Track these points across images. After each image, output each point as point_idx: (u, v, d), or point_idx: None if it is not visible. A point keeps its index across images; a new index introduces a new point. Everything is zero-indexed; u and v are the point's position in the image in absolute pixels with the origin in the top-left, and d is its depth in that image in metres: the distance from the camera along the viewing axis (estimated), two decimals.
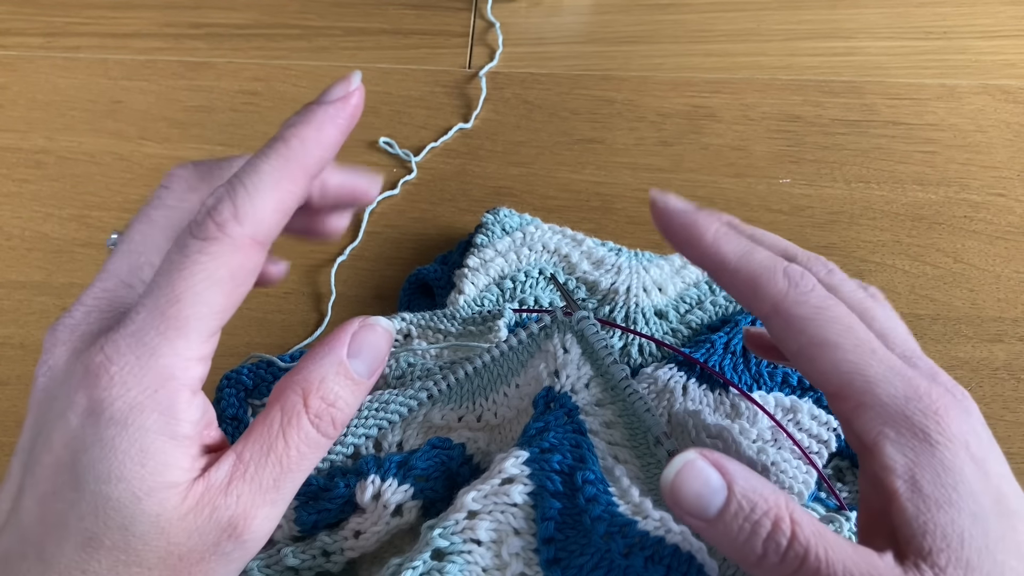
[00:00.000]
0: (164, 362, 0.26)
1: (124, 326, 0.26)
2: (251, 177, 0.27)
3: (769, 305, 0.29)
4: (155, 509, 0.25)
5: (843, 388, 0.28)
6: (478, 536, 0.32)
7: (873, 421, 0.27)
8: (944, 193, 0.57)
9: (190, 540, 0.26)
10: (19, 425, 0.49)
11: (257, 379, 0.41)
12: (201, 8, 0.68)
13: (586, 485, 0.32)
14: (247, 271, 0.27)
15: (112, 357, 0.26)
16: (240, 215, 0.26)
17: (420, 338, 0.45)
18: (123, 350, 0.26)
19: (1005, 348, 0.51)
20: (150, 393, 0.25)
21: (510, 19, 0.67)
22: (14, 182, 0.59)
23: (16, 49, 0.66)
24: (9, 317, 0.53)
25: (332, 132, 0.28)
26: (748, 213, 0.57)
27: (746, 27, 0.66)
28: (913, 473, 0.26)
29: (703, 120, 0.61)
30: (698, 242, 0.30)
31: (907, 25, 0.66)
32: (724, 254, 0.30)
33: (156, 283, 0.26)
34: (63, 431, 0.26)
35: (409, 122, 0.62)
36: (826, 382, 0.28)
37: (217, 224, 0.26)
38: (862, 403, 0.27)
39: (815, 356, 0.28)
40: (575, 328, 0.38)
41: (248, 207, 0.26)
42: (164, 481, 0.26)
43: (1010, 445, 0.48)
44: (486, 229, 0.51)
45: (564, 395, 0.36)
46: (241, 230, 0.26)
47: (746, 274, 0.30)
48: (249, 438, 0.27)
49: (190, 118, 0.62)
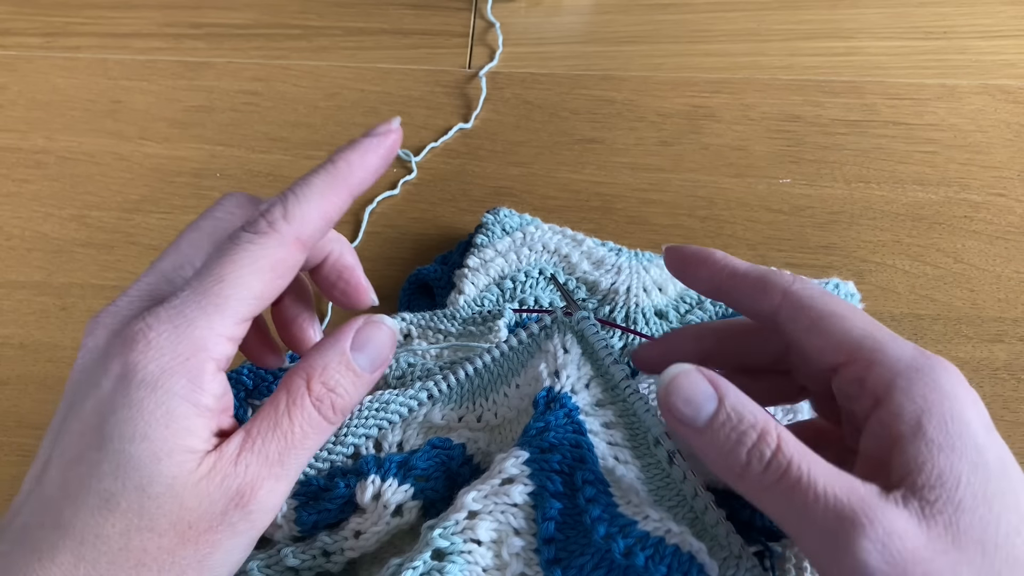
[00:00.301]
0: (199, 333, 0.28)
1: (167, 301, 0.28)
2: (301, 187, 0.30)
3: (780, 292, 0.31)
4: (172, 471, 0.27)
5: (855, 352, 0.29)
6: (478, 536, 0.32)
7: (886, 374, 0.28)
8: (944, 193, 0.57)
9: (200, 506, 0.27)
10: (19, 425, 0.50)
11: (257, 379, 0.41)
12: (201, 8, 0.68)
13: (586, 485, 0.32)
14: (288, 266, 0.30)
15: (152, 324, 0.28)
16: (289, 215, 0.29)
17: (420, 338, 0.45)
18: (163, 319, 0.28)
19: (1005, 348, 0.51)
20: (182, 360, 0.27)
21: (510, 19, 0.67)
22: (14, 182, 0.59)
23: (16, 49, 0.66)
24: (9, 317, 0.53)
25: (373, 159, 0.31)
26: (748, 213, 0.57)
27: (746, 27, 0.66)
28: (920, 419, 0.27)
29: (703, 120, 0.61)
30: (710, 259, 0.34)
31: (907, 25, 0.66)
32: (735, 263, 0.33)
33: (205, 266, 0.29)
34: (95, 397, 0.28)
35: (409, 122, 0.62)
36: (837, 350, 0.29)
37: (268, 221, 0.29)
38: (874, 360, 0.28)
39: (827, 326, 0.30)
40: (575, 328, 0.38)
41: (296, 210, 0.30)
42: (184, 445, 0.27)
43: (1010, 445, 0.47)
44: (486, 229, 0.51)
45: (564, 395, 0.36)
46: (288, 228, 0.29)
47: (756, 275, 0.32)
48: (257, 416, 0.30)
49: (190, 118, 0.62)
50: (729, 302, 0.34)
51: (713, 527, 0.32)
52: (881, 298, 0.53)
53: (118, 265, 0.55)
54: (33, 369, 0.51)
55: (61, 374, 0.51)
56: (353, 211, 0.57)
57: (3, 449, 0.49)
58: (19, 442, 0.49)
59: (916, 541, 0.25)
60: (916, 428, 0.27)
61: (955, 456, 0.26)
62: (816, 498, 0.26)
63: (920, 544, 0.25)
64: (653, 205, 0.57)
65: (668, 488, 0.34)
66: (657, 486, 0.34)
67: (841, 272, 0.54)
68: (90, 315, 0.53)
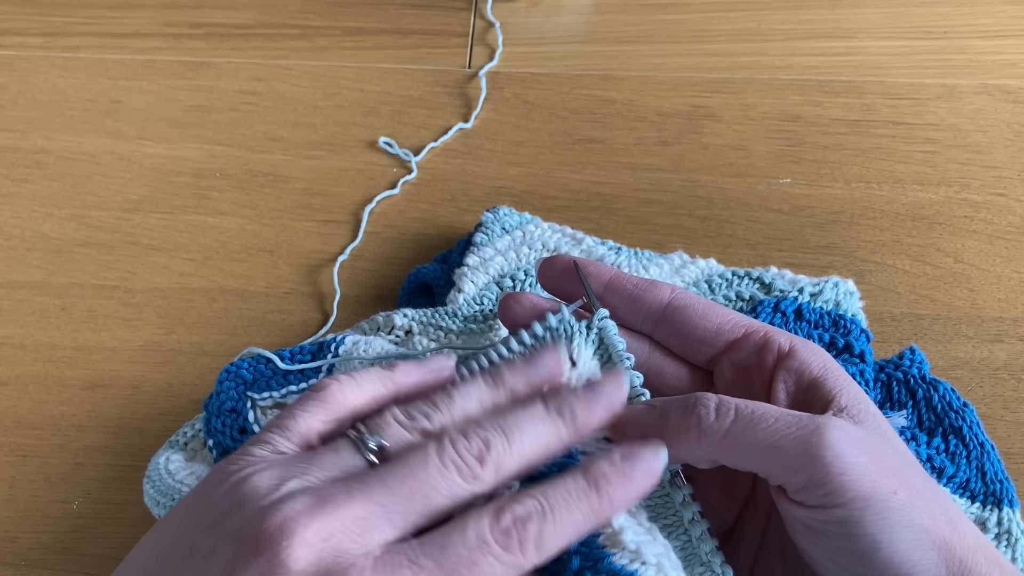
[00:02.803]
0: None
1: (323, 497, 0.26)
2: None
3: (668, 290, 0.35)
4: None
5: (749, 324, 0.34)
6: None
7: (782, 337, 0.33)
8: (944, 193, 0.57)
9: None
10: (19, 425, 0.50)
11: (256, 374, 0.41)
12: (201, 8, 0.68)
13: None
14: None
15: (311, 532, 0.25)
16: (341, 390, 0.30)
17: (422, 335, 0.45)
18: (323, 527, 0.26)
19: (1005, 348, 0.51)
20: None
21: (510, 19, 0.67)
22: (14, 182, 0.59)
23: (16, 49, 0.66)
24: (9, 317, 0.53)
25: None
26: (748, 213, 0.57)
27: (746, 27, 0.66)
28: (824, 364, 0.33)
29: (703, 120, 0.61)
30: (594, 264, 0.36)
31: (907, 25, 0.65)
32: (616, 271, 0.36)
33: None
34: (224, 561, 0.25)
35: (409, 122, 0.62)
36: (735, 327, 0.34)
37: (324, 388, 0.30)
38: (767, 329, 0.34)
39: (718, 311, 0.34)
40: (592, 330, 0.34)
41: (346, 387, 0.30)
42: None
43: (1010, 445, 0.48)
44: (486, 228, 0.51)
45: None
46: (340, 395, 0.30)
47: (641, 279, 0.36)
48: None
49: (190, 118, 0.62)
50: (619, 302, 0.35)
51: (708, 555, 0.32)
52: (881, 298, 0.53)
53: (118, 265, 0.55)
54: (33, 369, 0.51)
55: (60, 374, 0.51)
56: (352, 211, 0.57)
57: (2, 449, 0.49)
58: (19, 442, 0.49)
59: (862, 434, 0.30)
60: (825, 369, 0.32)
61: (856, 389, 0.32)
62: (773, 420, 0.29)
63: (866, 436, 0.30)
64: (653, 205, 0.57)
65: (666, 507, 0.33)
66: (655, 502, 0.33)
67: (841, 272, 0.53)
68: (90, 315, 0.53)
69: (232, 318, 0.53)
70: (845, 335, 0.45)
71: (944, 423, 0.44)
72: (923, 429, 0.44)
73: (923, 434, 0.43)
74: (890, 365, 0.46)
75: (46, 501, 0.47)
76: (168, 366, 0.51)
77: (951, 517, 0.29)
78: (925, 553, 0.29)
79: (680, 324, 0.34)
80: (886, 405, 0.45)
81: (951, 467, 0.42)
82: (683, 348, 0.35)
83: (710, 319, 0.34)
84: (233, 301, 0.54)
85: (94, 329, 0.53)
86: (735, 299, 0.47)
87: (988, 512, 0.41)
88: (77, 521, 0.47)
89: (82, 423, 0.49)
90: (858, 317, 0.46)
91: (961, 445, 0.43)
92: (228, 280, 0.55)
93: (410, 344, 0.45)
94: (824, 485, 0.28)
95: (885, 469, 0.29)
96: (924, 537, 0.29)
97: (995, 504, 0.41)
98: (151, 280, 0.55)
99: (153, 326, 0.53)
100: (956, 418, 0.44)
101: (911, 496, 0.29)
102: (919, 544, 0.29)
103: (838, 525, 0.29)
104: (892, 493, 0.29)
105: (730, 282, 0.48)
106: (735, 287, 0.48)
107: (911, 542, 0.28)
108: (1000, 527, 0.41)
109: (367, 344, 0.43)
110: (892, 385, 0.45)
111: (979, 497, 0.42)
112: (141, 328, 0.53)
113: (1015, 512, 0.41)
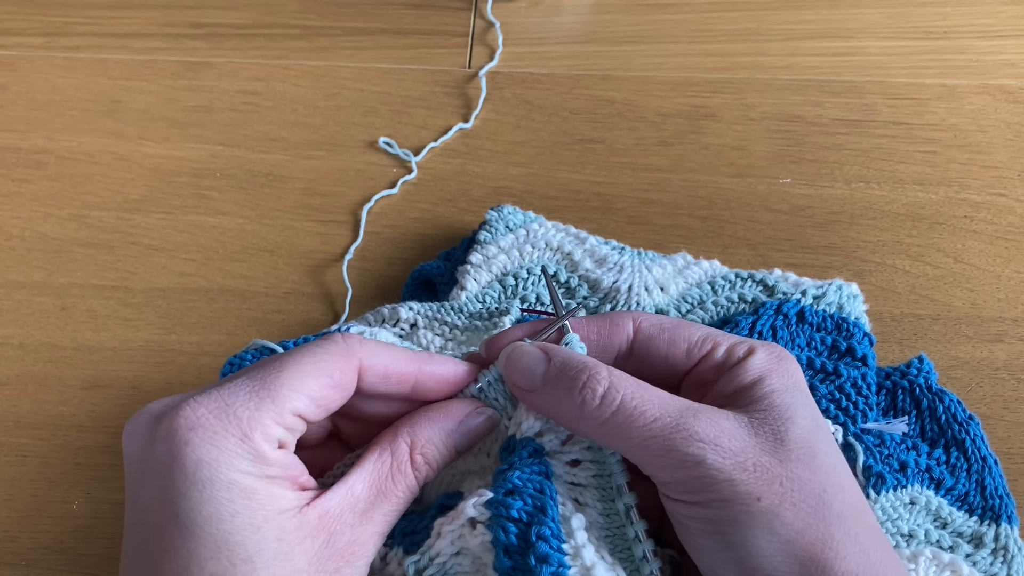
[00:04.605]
0: (249, 414, 0.28)
1: (218, 385, 0.29)
2: (387, 344, 0.33)
3: (630, 320, 0.35)
4: (275, 534, 0.27)
5: (716, 337, 0.34)
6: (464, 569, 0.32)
7: (740, 347, 0.33)
8: (944, 193, 0.57)
9: (311, 566, 0.28)
10: (19, 425, 0.50)
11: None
12: (201, 8, 0.68)
13: (539, 542, 0.31)
14: (345, 382, 0.31)
15: (202, 403, 0.28)
16: (363, 342, 0.32)
17: (427, 328, 0.45)
18: (213, 398, 0.28)
19: (1005, 348, 0.51)
20: (235, 439, 0.28)
21: (510, 19, 0.67)
22: (14, 182, 0.59)
23: (16, 49, 0.66)
24: (9, 317, 0.53)
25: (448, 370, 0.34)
26: (748, 213, 0.57)
27: (747, 27, 0.66)
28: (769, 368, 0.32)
29: (703, 120, 0.61)
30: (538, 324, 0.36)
31: (907, 25, 0.65)
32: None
33: (267, 359, 0.30)
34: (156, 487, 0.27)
35: (409, 122, 0.62)
36: (703, 343, 0.34)
37: (344, 337, 0.32)
38: (730, 340, 0.34)
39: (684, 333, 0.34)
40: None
41: (370, 343, 0.32)
42: (275, 508, 0.27)
43: (1010, 445, 0.48)
44: (490, 226, 0.51)
45: (525, 439, 0.34)
46: (359, 348, 0.31)
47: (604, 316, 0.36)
48: (361, 473, 0.31)
49: (190, 118, 0.62)
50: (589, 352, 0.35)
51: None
52: (881, 298, 0.53)
53: (118, 265, 0.55)
54: (33, 369, 0.51)
55: (60, 374, 0.51)
56: (352, 210, 0.57)
57: (3, 449, 0.49)
58: (18, 442, 0.49)
59: (744, 441, 0.30)
60: (765, 373, 0.32)
61: (787, 395, 0.31)
62: (652, 420, 0.30)
63: (748, 443, 0.30)
64: (653, 205, 0.57)
65: (622, 539, 0.33)
66: (613, 532, 0.33)
67: (841, 272, 0.54)
68: (90, 315, 0.53)
69: (232, 318, 0.53)
70: (847, 338, 0.45)
71: (947, 435, 0.44)
72: (925, 439, 0.44)
73: (924, 444, 0.43)
74: (896, 373, 0.46)
75: (46, 501, 0.47)
76: (168, 366, 0.51)
77: (832, 538, 0.29)
78: (784, 564, 0.29)
79: (649, 357, 0.34)
80: (890, 413, 0.45)
81: (950, 479, 0.42)
82: (656, 377, 0.34)
83: (677, 345, 0.34)
84: (233, 301, 0.54)
85: (94, 329, 0.53)
86: (737, 301, 0.47)
87: (986, 527, 0.41)
88: (77, 521, 0.47)
89: (82, 423, 0.49)
90: (861, 320, 0.46)
91: (963, 458, 0.43)
92: (228, 280, 0.55)
93: (415, 338, 0.45)
94: (686, 482, 0.30)
95: (757, 476, 0.29)
96: (784, 548, 0.29)
97: (993, 519, 0.41)
98: (151, 280, 0.55)
99: (153, 326, 0.53)
100: (959, 430, 0.44)
101: (780, 507, 0.29)
102: (778, 553, 0.29)
103: (699, 522, 0.30)
104: (755, 499, 0.29)
105: (733, 284, 0.48)
106: (738, 289, 0.48)
107: (768, 550, 0.29)
108: (997, 543, 0.41)
109: (372, 336, 0.43)
110: (897, 393, 0.45)
111: (977, 511, 0.42)
112: (141, 328, 0.53)
113: (1013, 528, 0.41)
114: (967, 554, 0.40)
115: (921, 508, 0.41)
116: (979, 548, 0.40)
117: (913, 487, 0.41)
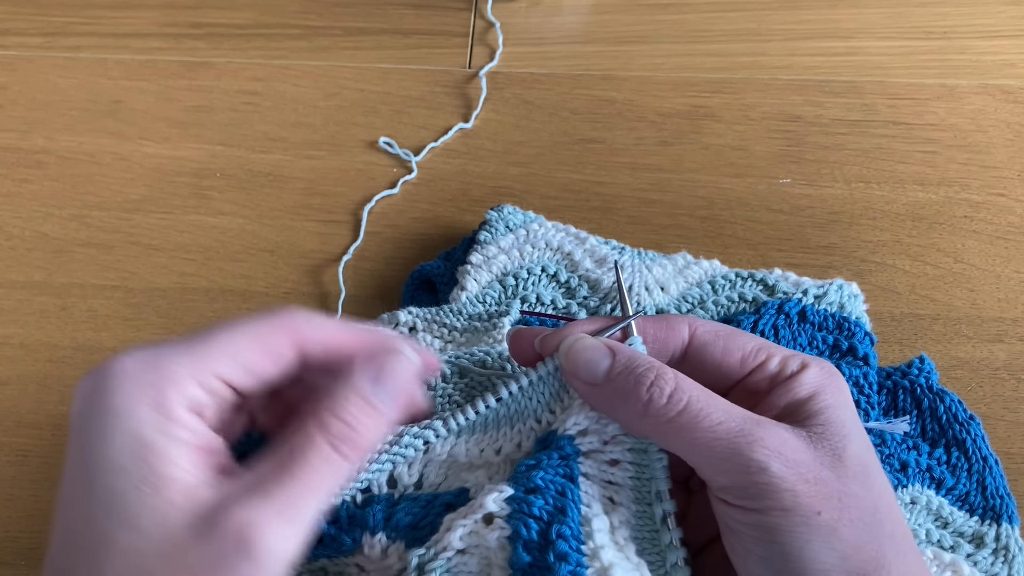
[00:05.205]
0: (171, 369, 0.27)
1: (160, 341, 0.29)
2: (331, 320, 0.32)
3: (686, 325, 0.34)
4: (162, 507, 0.25)
5: (770, 348, 0.34)
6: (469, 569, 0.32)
7: (793, 361, 0.33)
8: (944, 193, 0.57)
9: (198, 548, 0.25)
10: (19, 425, 0.50)
11: None
12: (201, 8, 0.68)
13: (559, 540, 0.31)
14: (278, 352, 0.30)
15: (124, 356, 0.27)
16: (305, 315, 0.31)
17: (426, 331, 0.45)
18: (137, 353, 0.28)
19: (1005, 348, 0.51)
20: (149, 391, 0.27)
21: (510, 19, 0.67)
22: (14, 182, 0.59)
23: (16, 49, 0.66)
24: (9, 317, 0.53)
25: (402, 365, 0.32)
26: (748, 213, 0.57)
27: (746, 27, 0.66)
28: (823, 384, 0.32)
29: (703, 120, 0.61)
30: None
31: (907, 25, 0.66)
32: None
33: (204, 326, 0.30)
34: (75, 428, 0.27)
35: (409, 122, 0.62)
36: (757, 353, 0.34)
37: (287, 310, 0.30)
38: (783, 353, 0.34)
39: (739, 342, 0.34)
40: None
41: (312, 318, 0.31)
42: (165, 474, 0.26)
43: (1010, 445, 0.48)
44: (490, 226, 0.51)
45: (565, 438, 0.34)
46: (296, 320, 0.30)
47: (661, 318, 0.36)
48: (266, 455, 0.28)
49: (190, 118, 0.62)
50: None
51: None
52: (881, 298, 0.53)
53: (118, 265, 0.55)
54: (33, 369, 0.51)
55: (61, 374, 0.51)
56: (352, 210, 0.57)
57: (3, 449, 0.49)
58: (19, 442, 0.49)
59: (806, 454, 0.30)
60: (820, 388, 0.32)
61: (841, 411, 0.32)
62: (717, 423, 0.30)
63: (809, 457, 0.30)
64: (653, 205, 0.57)
65: (652, 543, 0.33)
66: (643, 535, 0.33)
67: (841, 272, 0.54)
68: (90, 315, 0.53)
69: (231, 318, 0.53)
70: (849, 338, 0.45)
71: (948, 435, 0.44)
72: (926, 439, 0.44)
73: (925, 444, 0.43)
74: (897, 373, 0.46)
75: (46, 501, 0.47)
76: None
77: (884, 558, 0.29)
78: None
79: (703, 363, 0.34)
80: (891, 413, 0.45)
81: (951, 479, 0.42)
82: (707, 384, 0.34)
83: (732, 354, 0.34)
84: (233, 301, 0.54)
85: (94, 329, 0.53)
86: (738, 300, 0.47)
87: (987, 527, 0.41)
88: None
89: None
90: (862, 320, 0.46)
91: (963, 458, 0.43)
92: (228, 280, 0.55)
93: (415, 340, 0.45)
94: (746, 488, 0.29)
95: (817, 491, 0.29)
96: (841, 563, 0.29)
97: (994, 519, 0.41)
98: (151, 280, 0.55)
99: (153, 326, 0.53)
100: (960, 430, 0.44)
101: (839, 522, 0.29)
102: (834, 568, 0.29)
103: (755, 529, 0.30)
104: (815, 512, 0.29)
105: (733, 283, 0.48)
106: (738, 288, 0.48)
107: (825, 564, 0.29)
108: (998, 542, 0.41)
109: None
110: (898, 393, 0.45)
111: (978, 511, 0.42)
112: (141, 328, 0.53)
113: (1014, 528, 0.41)
114: (968, 554, 0.40)
115: (922, 508, 0.41)
116: (980, 548, 0.40)
117: (914, 487, 0.41)
